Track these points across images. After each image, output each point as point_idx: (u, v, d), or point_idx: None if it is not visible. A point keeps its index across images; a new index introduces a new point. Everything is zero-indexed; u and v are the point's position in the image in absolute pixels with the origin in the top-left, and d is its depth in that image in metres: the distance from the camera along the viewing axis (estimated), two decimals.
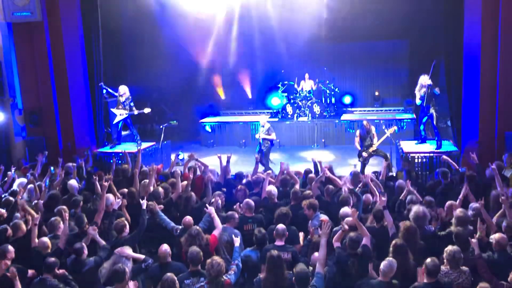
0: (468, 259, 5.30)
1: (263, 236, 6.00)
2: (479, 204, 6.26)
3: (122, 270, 5.04)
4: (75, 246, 5.83)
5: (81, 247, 5.84)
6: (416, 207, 6.19)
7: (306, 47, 17.73)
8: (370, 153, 11.06)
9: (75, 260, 5.81)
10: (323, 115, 16.03)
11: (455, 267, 5.12)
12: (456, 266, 5.12)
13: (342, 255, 5.49)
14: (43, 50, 12.19)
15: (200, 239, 5.97)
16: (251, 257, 5.92)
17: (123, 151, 11.56)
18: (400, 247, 5.30)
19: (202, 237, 6.05)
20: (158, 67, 17.61)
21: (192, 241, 5.88)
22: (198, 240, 5.93)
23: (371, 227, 6.37)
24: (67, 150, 12.40)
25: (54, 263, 5.53)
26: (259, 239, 5.97)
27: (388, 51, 17.73)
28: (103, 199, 6.80)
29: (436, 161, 11.10)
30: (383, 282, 4.96)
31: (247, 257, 5.92)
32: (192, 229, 6.10)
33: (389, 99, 17.92)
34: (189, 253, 5.47)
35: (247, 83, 18.52)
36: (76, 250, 5.80)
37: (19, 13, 11.73)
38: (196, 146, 15.89)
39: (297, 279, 4.98)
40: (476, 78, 10.56)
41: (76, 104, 12.63)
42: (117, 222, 6.45)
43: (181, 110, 18.46)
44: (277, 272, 5.16)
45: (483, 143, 10.61)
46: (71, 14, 12.31)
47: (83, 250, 5.83)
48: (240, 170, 9.34)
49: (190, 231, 6.05)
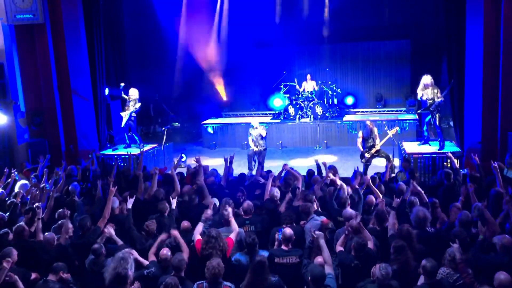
0: (469, 260, 5.28)
1: (252, 241, 5.84)
2: (481, 205, 6.23)
3: (124, 274, 4.97)
4: (93, 247, 5.83)
5: (100, 247, 5.86)
6: (417, 209, 6.18)
7: (308, 48, 17.81)
8: (373, 154, 11.05)
9: (94, 261, 5.81)
10: (325, 116, 16.01)
11: (456, 268, 5.10)
12: (457, 267, 5.09)
13: (346, 257, 5.48)
14: (45, 52, 12.20)
15: (219, 241, 5.82)
16: (241, 261, 5.80)
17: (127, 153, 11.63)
18: (400, 248, 5.27)
19: (222, 239, 5.89)
20: (161, 68, 17.67)
21: (213, 243, 5.74)
22: (218, 242, 5.79)
23: (373, 229, 6.37)
24: (69, 152, 12.41)
25: (62, 267, 5.54)
26: (249, 244, 5.84)
27: (390, 51, 17.73)
28: (109, 204, 6.79)
29: (439, 162, 11.09)
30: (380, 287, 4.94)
31: (237, 261, 5.81)
32: (212, 230, 5.95)
33: (391, 100, 17.91)
34: (174, 259, 5.41)
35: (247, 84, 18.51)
36: (95, 251, 5.81)
37: (21, 15, 11.74)
38: (198, 148, 15.88)
39: (312, 279, 4.93)
40: (478, 78, 10.53)
41: (79, 106, 12.64)
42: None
43: (183, 111, 18.50)
44: (259, 277, 5.08)
45: (486, 143, 10.58)
46: (73, 16, 12.31)
47: (102, 250, 5.84)
48: (242, 172, 9.35)
49: (210, 233, 5.89)
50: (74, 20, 12.34)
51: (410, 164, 10.25)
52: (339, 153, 14.48)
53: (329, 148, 15.30)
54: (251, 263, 5.27)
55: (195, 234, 6.22)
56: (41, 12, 11.81)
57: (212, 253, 5.67)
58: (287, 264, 5.73)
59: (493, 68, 10.31)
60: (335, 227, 6.57)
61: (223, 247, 5.79)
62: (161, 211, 6.96)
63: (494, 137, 10.47)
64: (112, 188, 6.98)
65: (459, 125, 11.35)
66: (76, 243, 6.41)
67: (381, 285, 4.89)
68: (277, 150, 15.34)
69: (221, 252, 5.72)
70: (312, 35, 17.33)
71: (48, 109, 12.46)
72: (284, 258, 5.76)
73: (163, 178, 9.19)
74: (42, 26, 12.04)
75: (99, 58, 12.97)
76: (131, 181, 9.15)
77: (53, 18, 12.16)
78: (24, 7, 11.69)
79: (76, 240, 6.46)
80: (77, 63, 12.51)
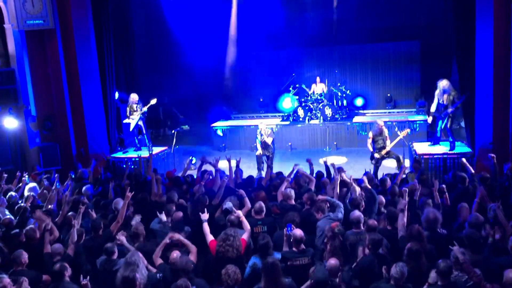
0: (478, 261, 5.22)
1: (266, 243, 5.76)
2: (496, 205, 6.17)
3: (131, 277, 4.99)
4: (106, 246, 5.87)
5: (112, 246, 5.89)
6: (427, 210, 6.14)
7: (317, 50, 17.79)
8: (383, 156, 11.01)
9: (107, 260, 5.85)
10: (335, 117, 15.97)
11: (461, 269, 5.04)
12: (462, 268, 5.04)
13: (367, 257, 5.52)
14: (55, 57, 12.29)
15: (237, 240, 5.84)
16: (257, 265, 5.72)
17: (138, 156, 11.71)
18: (415, 252, 5.22)
19: (239, 238, 5.92)
20: (170, 72, 17.79)
21: (231, 241, 5.77)
22: (235, 240, 5.81)
23: (384, 229, 6.33)
24: (80, 156, 12.49)
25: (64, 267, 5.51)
26: (262, 245, 5.76)
27: (399, 52, 17.65)
28: (124, 210, 6.80)
29: (450, 163, 11.03)
30: (395, 287, 4.92)
31: (254, 265, 5.73)
32: (229, 228, 6.02)
33: (401, 101, 17.81)
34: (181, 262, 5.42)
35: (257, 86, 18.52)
36: (107, 249, 5.85)
37: (31, 21, 11.85)
38: (208, 151, 15.92)
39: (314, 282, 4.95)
40: (489, 78, 10.45)
41: (89, 110, 12.73)
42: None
43: (193, 114, 18.56)
44: (273, 279, 5.07)
45: (497, 144, 10.48)
46: (83, 21, 12.40)
47: (114, 249, 5.87)
48: (250, 174, 9.35)
49: (226, 231, 5.93)
50: (84, 25, 12.43)
51: (420, 165, 10.20)
52: (349, 154, 14.42)
53: (339, 149, 15.25)
54: (264, 265, 5.26)
55: (206, 236, 6.27)
56: (51, 18, 11.92)
57: (228, 250, 5.72)
58: (298, 265, 5.70)
59: (504, 67, 10.21)
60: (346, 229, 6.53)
61: (239, 246, 5.82)
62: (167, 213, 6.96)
63: (506, 138, 10.37)
64: (128, 193, 6.97)
65: (470, 126, 11.28)
66: (89, 245, 6.44)
67: (397, 284, 4.88)
68: (287, 152, 15.33)
69: (237, 251, 5.75)
70: (321, 37, 17.29)
71: (59, 113, 12.56)
72: (296, 260, 5.73)
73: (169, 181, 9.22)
74: (52, 32, 12.14)
75: (109, 62, 13.05)
76: (141, 184, 9.21)
77: (63, 23, 12.25)
78: (35, 13, 11.81)
79: (88, 243, 6.49)
80: (87, 68, 12.59)
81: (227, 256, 5.72)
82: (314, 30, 17.03)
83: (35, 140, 12.35)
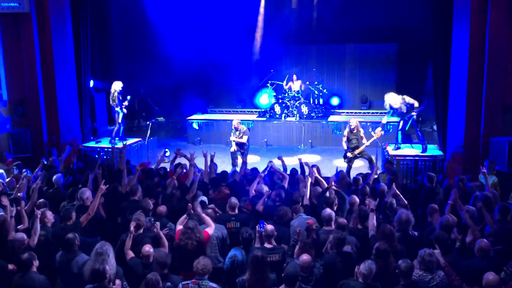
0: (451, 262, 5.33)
1: (249, 236, 5.98)
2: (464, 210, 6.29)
3: (101, 269, 4.91)
4: (67, 236, 5.71)
5: (74, 237, 5.73)
6: (400, 211, 6.22)
7: (296, 48, 17.82)
8: (356, 155, 11.13)
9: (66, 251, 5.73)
10: (311, 115, 16.05)
11: (427, 269, 5.13)
12: (428, 269, 5.12)
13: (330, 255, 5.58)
14: (30, 42, 12.03)
15: (196, 233, 6.02)
16: (237, 257, 5.89)
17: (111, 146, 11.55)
18: (383, 251, 5.31)
19: (199, 230, 6.08)
20: (147, 63, 17.58)
21: (190, 234, 5.96)
22: (194, 233, 5.99)
23: (354, 228, 6.40)
24: (51, 143, 12.26)
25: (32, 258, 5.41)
26: (245, 239, 5.96)
27: (377, 53, 17.77)
28: (96, 202, 6.70)
29: (421, 165, 11.20)
30: (363, 284, 4.97)
31: (234, 257, 5.89)
32: (190, 222, 6.14)
33: (377, 102, 17.95)
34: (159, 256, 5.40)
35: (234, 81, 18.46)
36: (68, 240, 5.70)
37: (6, 3, 11.57)
38: (183, 144, 15.81)
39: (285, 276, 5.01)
40: (463, 83, 10.60)
41: (63, 97, 12.48)
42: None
43: (169, 106, 18.40)
44: (260, 273, 5.17)
45: (468, 148, 10.67)
46: (60, 7, 12.15)
47: (76, 241, 5.73)
48: (224, 170, 9.33)
49: (187, 224, 6.09)
50: (60, 10, 12.19)
51: (393, 166, 10.33)
52: (323, 153, 14.53)
53: (313, 147, 15.34)
54: (250, 259, 5.33)
55: (177, 225, 6.39)
56: (27, 1, 11.65)
57: (187, 243, 5.94)
58: (270, 262, 5.70)
59: (478, 74, 10.36)
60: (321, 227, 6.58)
61: (199, 238, 5.99)
62: (144, 209, 6.84)
63: (477, 142, 10.56)
64: (102, 186, 6.91)
65: (443, 129, 11.45)
66: (58, 234, 6.25)
67: (365, 282, 4.95)
68: (262, 148, 15.35)
69: (197, 242, 5.93)
70: (300, 35, 17.33)
71: (31, 99, 12.29)
72: (267, 256, 5.69)
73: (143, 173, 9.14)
74: (27, 16, 11.86)
75: (85, 49, 12.85)
76: (113, 175, 9.10)
77: (39, 8, 11.99)
78: None
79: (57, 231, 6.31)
80: (62, 54, 12.36)
81: (187, 248, 5.94)
82: (293, 27, 17.05)
83: (6, 126, 12.07)
